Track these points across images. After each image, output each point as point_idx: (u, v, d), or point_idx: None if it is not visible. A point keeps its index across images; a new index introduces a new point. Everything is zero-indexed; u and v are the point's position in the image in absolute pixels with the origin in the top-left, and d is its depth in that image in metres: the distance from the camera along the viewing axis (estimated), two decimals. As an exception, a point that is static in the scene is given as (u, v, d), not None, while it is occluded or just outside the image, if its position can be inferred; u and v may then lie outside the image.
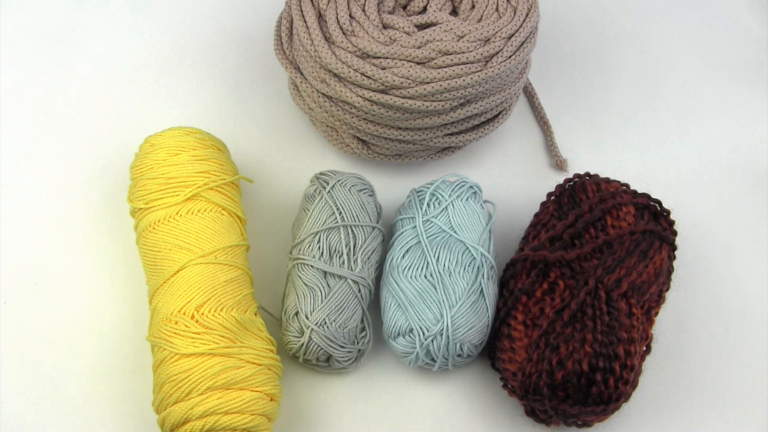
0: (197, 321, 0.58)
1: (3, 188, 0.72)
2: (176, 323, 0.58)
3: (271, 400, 0.58)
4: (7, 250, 0.69)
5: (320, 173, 0.68)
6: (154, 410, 0.58)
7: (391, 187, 0.74)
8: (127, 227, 0.69)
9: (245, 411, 0.56)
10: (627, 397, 0.58)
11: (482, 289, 0.62)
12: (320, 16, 0.67)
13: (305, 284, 0.62)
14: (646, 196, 0.66)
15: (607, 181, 0.66)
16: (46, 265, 0.69)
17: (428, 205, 0.66)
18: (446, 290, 0.61)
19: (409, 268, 0.63)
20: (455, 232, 0.64)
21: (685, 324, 0.69)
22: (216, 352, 0.57)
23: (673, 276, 0.66)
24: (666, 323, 0.68)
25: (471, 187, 0.67)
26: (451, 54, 0.64)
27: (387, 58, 0.64)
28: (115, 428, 0.62)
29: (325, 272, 0.62)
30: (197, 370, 0.56)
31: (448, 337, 0.60)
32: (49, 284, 0.68)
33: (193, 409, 0.56)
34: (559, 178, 0.71)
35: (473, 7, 0.70)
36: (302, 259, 0.63)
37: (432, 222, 0.65)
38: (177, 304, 0.59)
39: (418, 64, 0.64)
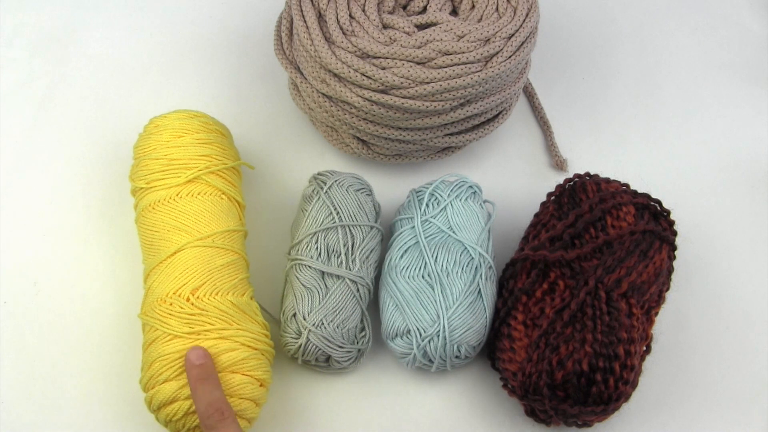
0: (192, 304, 0.58)
1: (3, 188, 0.72)
2: (171, 305, 0.58)
3: (260, 385, 0.59)
4: (7, 250, 0.69)
5: (318, 173, 0.68)
6: (141, 388, 0.58)
7: (390, 187, 0.74)
8: (127, 228, 0.69)
9: (234, 394, 0.57)
10: (627, 397, 0.58)
11: (480, 289, 0.62)
12: (320, 16, 0.67)
13: (303, 285, 0.62)
14: (646, 196, 0.66)
15: (607, 181, 0.66)
16: (46, 265, 0.69)
17: (427, 205, 0.66)
18: (444, 291, 0.61)
19: (407, 268, 0.63)
20: (454, 232, 0.64)
21: (685, 324, 0.69)
22: (211, 333, 0.57)
23: (673, 276, 0.66)
24: (666, 323, 0.68)
25: (470, 186, 0.67)
26: (451, 54, 0.64)
27: (387, 58, 0.64)
28: (115, 428, 0.62)
29: (323, 272, 0.62)
30: None
31: (445, 339, 0.60)
32: (49, 284, 0.68)
33: (183, 388, 0.56)
34: (559, 178, 0.72)
35: (473, 7, 0.70)
36: (300, 259, 0.63)
37: (431, 222, 0.65)
38: (173, 285, 0.59)
39: (418, 64, 0.64)
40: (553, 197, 0.68)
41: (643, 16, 0.89)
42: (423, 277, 0.62)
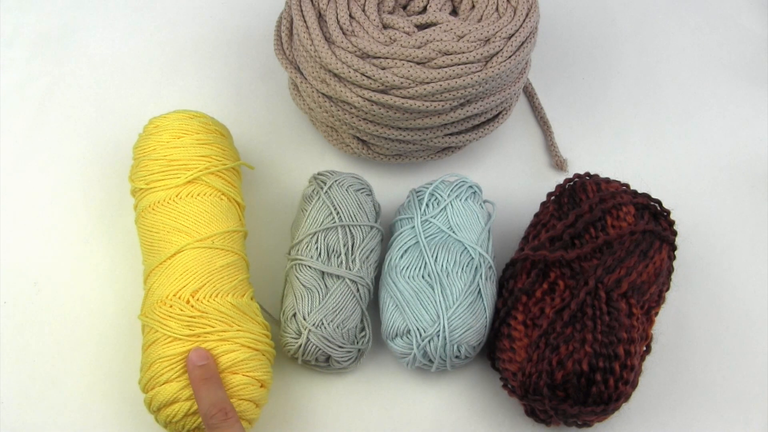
0: (192, 306, 0.58)
1: (3, 188, 0.72)
2: (171, 307, 0.58)
3: (261, 386, 0.59)
4: (7, 250, 0.69)
5: (318, 173, 0.68)
6: (141, 389, 0.58)
7: (391, 187, 0.74)
8: (127, 228, 0.69)
9: (234, 395, 0.57)
10: (627, 397, 0.58)
11: (480, 289, 0.62)
12: (320, 16, 0.67)
13: (303, 285, 0.62)
14: (646, 196, 0.66)
15: (607, 181, 0.66)
16: (46, 265, 0.69)
17: (427, 205, 0.66)
18: (444, 291, 0.61)
19: (407, 268, 0.63)
20: (454, 232, 0.64)
21: (685, 324, 0.69)
22: (211, 335, 0.57)
23: (673, 276, 0.66)
24: (666, 323, 0.68)
25: (470, 186, 0.67)
26: (451, 54, 0.64)
27: (387, 58, 0.64)
28: (114, 428, 0.62)
29: (323, 272, 0.62)
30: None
31: (445, 339, 0.60)
32: (49, 284, 0.68)
33: (183, 390, 0.56)
34: (559, 178, 0.71)
35: (473, 7, 0.70)
36: (300, 259, 0.63)
37: (431, 222, 0.65)
38: (172, 288, 0.59)
39: (418, 64, 0.64)
40: (553, 197, 0.68)
41: (643, 16, 0.89)
42: (423, 277, 0.62)
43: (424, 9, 0.70)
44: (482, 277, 0.63)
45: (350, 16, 0.67)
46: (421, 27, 0.68)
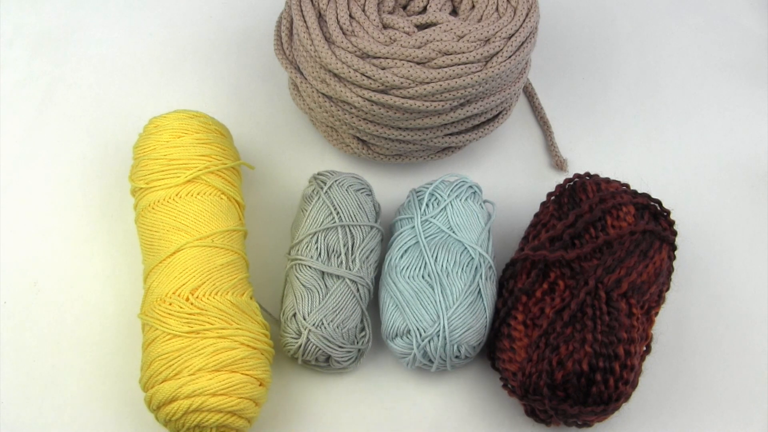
0: (192, 303, 0.58)
1: (3, 188, 0.72)
2: (170, 304, 0.58)
3: (260, 384, 0.59)
4: (7, 250, 0.69)
5: (318, 173, 0.68)
6: (141, 387, 0.58)
7: (390, 187, 0.74)
8: (127, 227, 0.69)
9: (233, 393, 0.57)
10: (627, 397, 0.58)
11: (480, 289, 0.62)
12: (320, 16, 0.67)
13: (303, 285, 0.62)
14: (646, 196, 0.66)
15: (607, 181, 0.66)
16: (46, 265, 0.69)
17: (427, 205, 0.66)
18: (444, 291, 0.61)
19: (407, 268, 0.63)
20: (454, 232, 0.64)
21: (685, 324, 0.69)
22: (210, 332, 0.57)
23: (673, 276, 0.66)
24: (666, 323, 0.68)
25: (470, 186, 0.67)
26: (451, 54, 0.64)
27: (387, 58, 0.64)
28: (115, 428, 0.62)
29: (323, 272, 0.62)
30: (190, 350, 0.57)
31: (445, 339, 0.60)
32: (49, 284, 0.68)
33: (182, 387, 0.56)
34: (559, 178, 0.72)
35: (473, 7, 0.70)
36: (300, 259, 0.63)
37: (431, 222, 0.65)
38: (172, 285, 0.59)
39: (418, 64, 0.64)
40: (553, 197, 0.68)
41: (643, 16, 0.89)
42: (423, 277, 0.62)
43: (424, 9, 0.70)
44: (482, 277, 0.63)
45: (350, 16, 0.67)
46: (421, 27, 0.68)
